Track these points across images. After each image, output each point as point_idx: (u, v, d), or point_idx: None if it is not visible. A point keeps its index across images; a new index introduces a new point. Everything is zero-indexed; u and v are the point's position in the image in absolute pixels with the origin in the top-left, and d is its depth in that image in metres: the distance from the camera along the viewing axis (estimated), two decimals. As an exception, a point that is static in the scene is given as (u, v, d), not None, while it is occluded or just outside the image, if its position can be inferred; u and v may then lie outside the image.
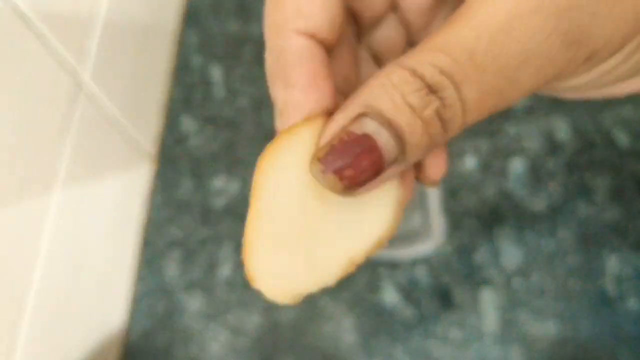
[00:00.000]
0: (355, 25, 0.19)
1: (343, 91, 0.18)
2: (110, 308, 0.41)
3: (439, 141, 0.14)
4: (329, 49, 0.17)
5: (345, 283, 0.41)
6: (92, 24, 0.37)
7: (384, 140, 0.14)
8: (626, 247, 0.40)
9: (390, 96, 0.14)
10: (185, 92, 0.49)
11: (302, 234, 0.17)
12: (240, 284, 0.42)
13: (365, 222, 0.17)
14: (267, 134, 0.47)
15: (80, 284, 0.37)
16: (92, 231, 0.38)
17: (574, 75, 0.15)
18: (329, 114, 0.16)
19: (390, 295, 0.41)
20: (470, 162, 0.43)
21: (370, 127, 0.14)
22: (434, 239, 0.40)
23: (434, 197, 0.40)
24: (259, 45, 0.50)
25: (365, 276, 0.41)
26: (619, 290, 0.39)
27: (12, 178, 0.30)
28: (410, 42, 0.19)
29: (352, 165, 0.14)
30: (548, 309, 0.39)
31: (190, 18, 0.52)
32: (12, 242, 0.30)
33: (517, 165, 0.43)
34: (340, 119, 0.15)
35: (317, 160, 0.15)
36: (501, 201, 0.42)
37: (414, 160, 0.15)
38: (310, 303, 0.41)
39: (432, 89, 0.14)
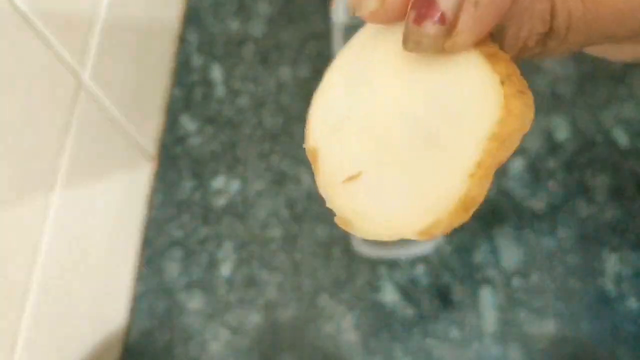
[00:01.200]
0: None
1: None
2: (110, 307, 0.41)
3: None
4: None
5: (344, 282, 0.41)
6: (92, 24, 0.37)
7: None
8: (626, 246, 0.40)
9: None
10: (186, 91, 0.49)
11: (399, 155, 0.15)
12: (241, 283, 0.42)
13: (472, 121, 0.14)
14: (267, 134, 0.47)
15: (81, 283, 0.37)
16: (92, 231, 0.38)
17: None
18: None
19: (390, 295, 0.41)
20: (470, 162, 0.43)
21: None
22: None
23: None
24: (259, 45, 0.50)
25: (364, 275, 0.41)
26: (619, 290, 0.39)
27: (13, 178, 0.30)
28: None
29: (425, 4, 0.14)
30: (547, 308, 0.39)
31: (191, 18, 0.52)
32: (12, 241, 0.30)
33: (517, 165, 0.43)
34: None
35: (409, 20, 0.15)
36: (501, 200, 0.42)
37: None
38: (310, 303, 0.41)
39: None
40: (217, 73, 0.49)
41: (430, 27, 0.14)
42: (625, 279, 0.39)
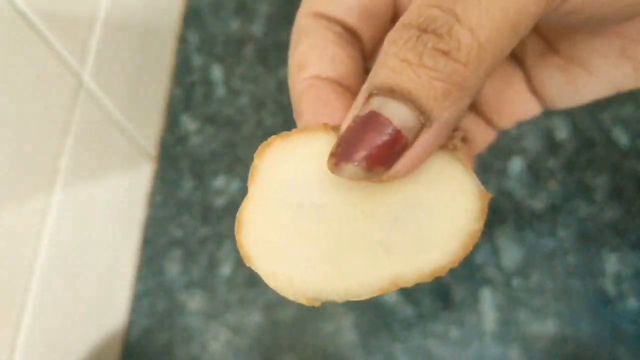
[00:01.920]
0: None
1: None
2: (110, 307, 0.41)
3: (461, 81, 0.12)
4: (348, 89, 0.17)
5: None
6: (92, 24, 0.37)
7: (391, 109, 0.12)
8: (626, 246, 0.40)
9: (385, 64, 0.12)
10: (186, 91, 0.49)
11: (330, 236, 0.15)
12: (241, 283, 0.42)
13: (423, 241, 0.14)
14: (267, 134, 0.47)
15: (81, 283, 0.37)
16: (93, 230, 0.38)
17: None
18: None
19: (390, 294, 0.41)
20: (470, 162, 0.43)
21: (375, 103, 0.13)
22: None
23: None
24: (259, 45, 0.50)
25: (365, 275, 0.41)
26: (619, 290, 0.39)
27: (13, 177, 0.30)
28: None
29: (364, 146, 0.13)
30: (547, 308, 0.39)
31: (191, 17, 0.52)
32: (12, 241, 0.30)
33: (517, 165, 0.43)
34: (351, 110, 0.14)
35: (330, 156, 0.14)
36: (501, 200, 0.42)
37: (449, 116, 0.12)
38: (310, 302, 0.41)
39: (422, 29, 0.12)
40: (217, 73, 0.49)
41: (352, 167, 0.13)
42: (625, 279, 0.39)
